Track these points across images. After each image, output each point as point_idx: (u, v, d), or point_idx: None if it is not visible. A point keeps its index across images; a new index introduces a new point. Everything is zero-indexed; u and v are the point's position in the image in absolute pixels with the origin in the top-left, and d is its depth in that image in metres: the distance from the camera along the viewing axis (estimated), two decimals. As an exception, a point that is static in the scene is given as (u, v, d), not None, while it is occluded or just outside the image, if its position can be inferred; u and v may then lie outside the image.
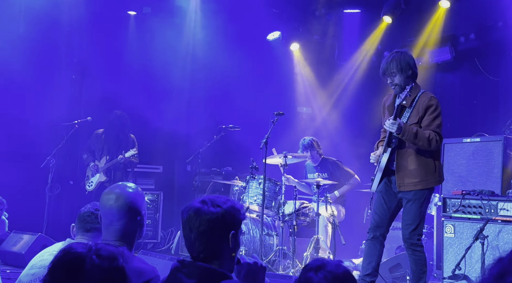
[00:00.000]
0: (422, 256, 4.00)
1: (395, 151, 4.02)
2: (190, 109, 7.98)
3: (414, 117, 3.99)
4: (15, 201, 5.29)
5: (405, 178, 3.96)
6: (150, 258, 3.89)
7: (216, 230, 1.93)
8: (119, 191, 2.25)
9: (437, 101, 4.00)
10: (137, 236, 2.29)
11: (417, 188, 3.93)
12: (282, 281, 3.14)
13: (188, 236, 1.95)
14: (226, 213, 1.95)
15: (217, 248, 1.94)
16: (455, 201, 4.48)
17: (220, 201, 1.97)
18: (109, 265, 1.46)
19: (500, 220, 4.15)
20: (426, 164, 3.95)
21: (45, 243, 5.08)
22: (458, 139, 5.23)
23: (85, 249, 1.47)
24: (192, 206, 1.96)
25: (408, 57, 4.06)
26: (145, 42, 7.73)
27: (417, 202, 3.95)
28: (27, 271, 2.34)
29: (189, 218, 1.94)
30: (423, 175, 3.92)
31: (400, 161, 4.00)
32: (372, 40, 7.62)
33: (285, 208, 5.51)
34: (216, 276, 1.89)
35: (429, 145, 3.87)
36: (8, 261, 5.30)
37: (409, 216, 4.00)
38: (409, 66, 4.00)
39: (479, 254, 4.11)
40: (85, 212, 2.56)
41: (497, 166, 4.75)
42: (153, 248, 7.16)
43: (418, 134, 3.86)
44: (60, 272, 1.45)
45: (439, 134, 3.91)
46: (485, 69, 6.59)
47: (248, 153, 6.50)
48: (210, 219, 1.92)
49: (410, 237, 3.99)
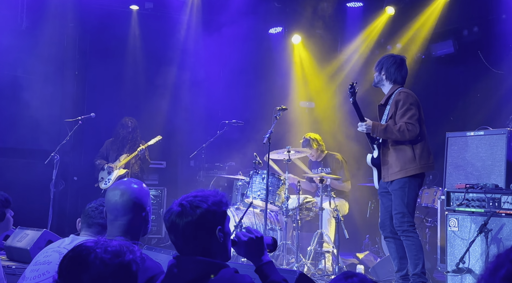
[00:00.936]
0: (415, 242, 4.14)
1: (380, 148, 4.34)
2: (193, 104, 7.98)
3: (390, 114, 4.29)
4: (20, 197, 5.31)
5: (389, 169, 4.26)
6: (155, 253, 3.90)
7: (201, 230, 1.91)
8: (124, 187, 2.26)
9: (405, 95, 4.24)
10: (142, 231, 2.30)
11: (398, 176, 4.20)
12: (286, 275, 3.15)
13: (175, 241, 1.94)
14: (207, 212, 1.91)
15: (207, 246, 1.92)
16: (458, 194, 4.48)
17: (199, 200, 1.93)
18: (113, 261, 1.47)
19: (504, 213, 4.14)
20: (405, 154, 4.21)
21: (50, 239, 5.10)
22: (461, 133, 5.21)
23: (93, 243, 1.49)
24: (172, 210, 1.94)
25: (386, 60, 4.42)
26: (147, 37, 7.72)
27: (400, 190, 4.19)
28: (32, 267, 2.35)
29: (171, 223, 1.92)
30: (401, 164, 4.19)
31: (384, 156, 4.32)
32: (374, 34, 7.60)
33: (289, 202, 5.52)
34: (212, 267, 1.88)
35: (402, 135, 4.14)
36: (13, 256, 5.33)
37: (395, 205, 4.23)
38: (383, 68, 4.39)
39: (483, 248, 4.11)
40: (90, 207, 2.58)
41: (500, 159, 4.74)
42: (157, 243, 7.19)
43: (387, 129, 4.18)
44: (67, 264, 1.49)
45: (411, 124, 4.14)
46: (488, 62, 6.57)
47: (251, 148, 6.51)
48: (191, 221, 1.89)
49: (400, 225, 4.17)
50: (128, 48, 7.67)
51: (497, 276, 1.24)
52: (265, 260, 2.09)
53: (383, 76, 4.40)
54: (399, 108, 4.20)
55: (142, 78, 7.74)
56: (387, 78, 4.38)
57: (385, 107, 4.39)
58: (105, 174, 6.71)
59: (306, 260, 5.26)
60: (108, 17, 7.44)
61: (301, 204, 5.54)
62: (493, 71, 6.51)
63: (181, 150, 7.88)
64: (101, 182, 6.70)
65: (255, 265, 2.10)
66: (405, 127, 4.11)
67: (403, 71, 4.39)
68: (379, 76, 4.43)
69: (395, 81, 4.37)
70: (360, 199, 6.88)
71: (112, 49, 7.54)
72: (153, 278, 2.03)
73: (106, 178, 6.66)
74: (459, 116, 6.80)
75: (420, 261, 4.11)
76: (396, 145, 4.24)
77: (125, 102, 7.33)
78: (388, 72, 4.36)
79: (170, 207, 1.97)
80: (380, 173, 4.39)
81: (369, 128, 4.23)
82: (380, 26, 7.51)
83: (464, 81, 6.93)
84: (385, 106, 4.41)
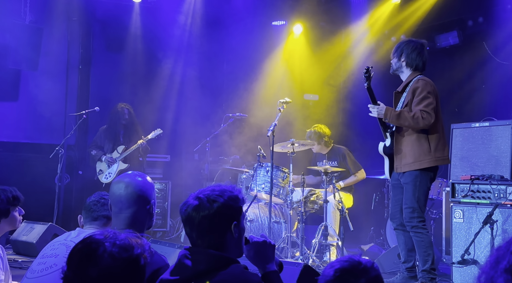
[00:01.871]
0: (425, 238, 4.05)
1: (394, 136, 4.17)
2: (196, 97, 7.97)
3: (406, 101, 4.12)
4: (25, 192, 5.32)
5: (402, 160, 4.11)
6: (160, 246, 3.92)
7: (217, 225, 1.92)
8: (129, 179, 2.27)
9: (424, 82, 4.08)
10: (146, 224, 2.31)
11: (412, 168, 4.05)
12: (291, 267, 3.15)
13: (189, 234, 1.95)
14: (224, 206, 1.92)
15: (221, 240, 1.93)
16: (463, 186, 4.47)
17: (216, 194, 1.93)
18: (121, 255, 1.47)
19: (509, 204, 4.13)
20: (420, 145, 4.05)
21: (56, 232, 5.14)
22: (466, 124, 5.20)
23: (102, 236, 1.50)
24: (188, 203, 1.94)
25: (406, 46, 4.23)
26: (151, 30, 7.70)
27: (411, 184, 4.07)
28: (39, 260, 2.36)
29: (188, 216, 1.93)
30: (416, 156, 4.03)
31: (397, 145, 4.15)
32: (379, 25, 7.56)
33: (293, 195, 5.52)
34: (224, 261, 1.89)
35: (415, 123, 3.97)
36: (20, 250, 5.37)
37: (406, 199, 4.12)
38: (403, 53, 4.21)
39: (488, 239, 4.10)
40: (91, 201, 2.59)
41: (506, 150, 4.72)
42: (162, 236, 7.21)
43: (401, 115, 4.00)
44: (76, 257, 1.50)
45: (427, 112, 3.97)
46: (493, 53, 6.52)
47: (256, 141, 6.50)
48: (208, 215, 1.90)
49: (410, 220, 4.08)
50: (132, 42, 7.66)
51: (498, 268, 1.24)
52: (272, 268, 2.08)
53: (403, 62, 4.21)
54: (416, 96, 4.03)
55: (146, 71, 7.74)
56: (407, 65, 4.20)
57: (402, 94, 4.22)
58: (104, 166, 6.59)
59: (310, 253, 5.27)
60: (111, 11, 7.43)
61: (305, 197, 5.54)
62: (498, 62, 6.46)
63: (186, 144, 7.88)
64: (100, 175, 6.58)
65: (262, 271, 2.08)
66: (420, 114, 3.94)
67: (424, 56, 4.21)
68: (398, 63, 4.23)
69: (416, 68, 4.19)
70: (364, 192, 6.87)
71: (115, 43, 7.54)
72: (158, 271, 2.04)
73: (106, 172, 6.56)
74: (464, 107, 6.77)
75: (430, 257, 4.03)
76: (411, 135, 4.07)
77: (129, 96, 7.32)
78: (409, 58, 4.17)
79: (186, 200, 1.97)
80: (392, 162, 4.23)
81: (381, 112, 4.04)
82: (385, 17, 7.46)
83: (469, 72, 6.88)
84: (401, 94, 4.23)
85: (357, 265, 1.56)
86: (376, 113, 4.09)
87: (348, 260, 1.58)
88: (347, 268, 1.55)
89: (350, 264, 1.57)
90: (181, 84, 7.90)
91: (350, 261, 1.57)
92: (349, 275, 1.54)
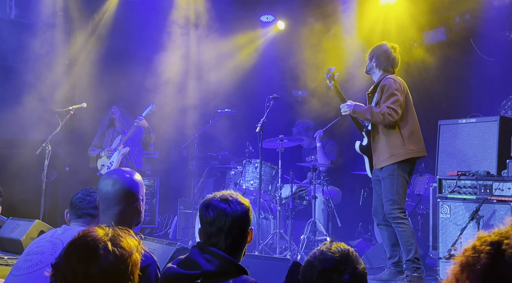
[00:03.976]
0: (407, 228, 4.16)
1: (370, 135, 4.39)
2: (185, 94, 7.93)
3: (377, 100, 4.34)
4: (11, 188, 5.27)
5: (380, 156, 4.29)
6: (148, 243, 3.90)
7: (241, 228, 2.01)
8: (116, 176, 2.25)
9: (391, 80, 4.27)
10: (134, 221, 2.29)
11: (388, 163, 4.22)
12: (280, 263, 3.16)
13: (214, 234, 1.99)
14: (248, 210, 2.05)
15: (237, 243, 2.01)
16: (450, 182, 4.51)
17: (240, 199, 2.05)
18: (122, 253, 1.46)
19: (495, 200, 4.18)
20: (393, 139, 4.22)
21: (43, 229, 5.09)
22: (453, 120, 5.24)
23: (102, 233, 1.49)
24: (216, 205, 2.00)
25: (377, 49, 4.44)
26: (138, 24, 7.62)
27: (389, 178, 4.21)
28: (24, 257, 2.34)
29: (216, 218, 1.98)
30: (391, 150, 4.21)
31: (373, 142, 4.36)
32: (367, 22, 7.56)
33: (282, 191, 5.52)
34: (235, 269, 1.93)
35: (382, 119, 4.16)
36: (5, 247, 5.31)
37: (385, 192, 4.25)
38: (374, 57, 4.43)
39: (474, 234, 4.14)
40: (76, 198, 2.57)
41: (492, 146, 4.76)
42: (150, 233, 7.19)
43: (368, 110, 4.22)
44: (74, 254, 1.47)
45: (393, 109, 4.16)
46: (480, 49, 6.57)
47: (244, 137, 6.49)
48: (237, 218, 1.99)
49: (391, 212, 4.18)
50: (119, 37, 7.58)
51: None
52: None
53: (373, 63, 4.44)
54: (384, 93, 4.24)
55: (134, 67, 7.67)
56: (377, 66, 4.43)
57: (374, 95, 4.45)
58: (105, 160, 6.62)
59: (299, 249, 5.28)
60: (98, 4, 7.36)
61: (294, 193, 5.55)
62: (484, 59, 6.51)
63: (174, 140, 7.85)
64: (102, 169, 6.61)
65: None
66: (386, 110, 4.13)
67: (393, 59, 4.42)
68: (370, 64, 4.48)
69: (385, 70, 4.41)
70: (353, 187, 6.90)
71: (102, 38, 7.46)
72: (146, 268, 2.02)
73: (108, 163, 6.56)
74: (451, 103, 6.81)
75: (413, 247, 4.13)
76: (385, 131, 4.27)
77: (116, 92, 7.26)
78: (378, 60, 4.40)
79: (211, 202, 2.02)
80: (371, 161, 4.41)
81: (350, 108, 4.29)
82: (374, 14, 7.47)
83: (455, 68, 6.93)
84: (373, 94, 4.46)
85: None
86: (348, 111, 4.32)
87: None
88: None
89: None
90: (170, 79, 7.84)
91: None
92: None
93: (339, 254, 1.54)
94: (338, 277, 1.50)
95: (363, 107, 4.28)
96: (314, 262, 1.55)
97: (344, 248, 1.57)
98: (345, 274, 1.50)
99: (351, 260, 1.54)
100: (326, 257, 1.54)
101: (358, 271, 1.52)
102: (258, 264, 3.15)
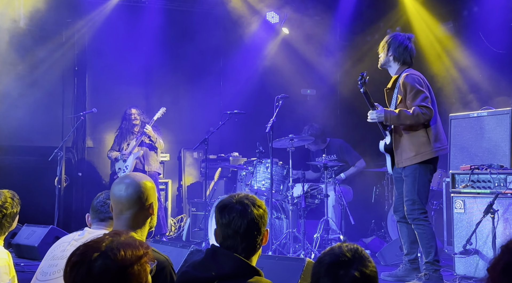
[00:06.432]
0: (427, 230, 4.04)
1: (393, 132, 4.18)
2: (195, 95, 7.95)
3: (400, 98, 4.10)
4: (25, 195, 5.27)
5: (403, 155, 4.11)
6: (162, 246, 3.92)
7: (257, 230, 2.00)
8: (129, 181, 2.26)
9: (411, 77, 4.05)
10: (148, 225, 2.30)
11: (413, 162, 4.05)
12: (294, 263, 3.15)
13: (229, 236, 1.99)
14: (265, 212, 2.04)
15: (252, 245, 2.00)
16: (463, 176, 4.47)
17: (256, 201, 2.04)
18: (119, 268, 1.41)
19: (510, 193, 4.13)
20: (419, 138, 4.05)
21: (57, 235, 5.13)
22: (464, 114, 5.20)
23: (104, 246, 1.44)
24: (232, 207, 2.00)
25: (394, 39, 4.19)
26: (145, 29, 7.66)
27: (411, 177, 4.07)
28: (50, 261, 2.34)
29: (232, 220, 1.98)
30: (416, 149, 4.04)
31: (396, 141, 4.15)
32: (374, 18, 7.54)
33: (294, 190, 5.52)
34: (249, 271, 1.93)
35: (417, 120, 3.97)
36: (22, 254, 5.36)
37: (406, 192, 4.12)
38: (390, 48, 4.18)
39: (489, 229, 4.11)
40: (98, 202, 2.59)
41: (505, 139, 4.72)
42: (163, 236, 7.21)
43: (401, 115, 3.99)
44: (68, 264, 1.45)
45: (425, 107, 3.97)
46: (489, 42, 6.51)
47: (254, 138, 6.49)
48: (253, 221, 1.98)
49: (411, 213, 4.08)
50: (126, 41, 7.62)
51: (496, 269, 1.24)
52: None
53: (390, 57, 4.18)
54: (409, 92, 4.00)
55: (142, 70, 7.71)
56: (395, 59, 4.17)
57: (393, 90, 4.21)
58: (121, 164, 6.70)
59: (313, 247, 5.27)
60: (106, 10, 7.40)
61: (306, 192, 5.54)
62: (494, 51, 6.45)
63: (184, 142, 7.87)
64: (119, 172, 6.69)
65: None
66: (419, 110, 3.92)
67: (411, 50, 4.17)
68: (386, 57, 4.21)
69: (403, 62, 4.16)
70: (365, 184, 6.87)
71: (111, 43, 7.50)
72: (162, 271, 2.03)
73: (123, 166, 6.64)
74: (462, 97, 6.76)
75: (433, 249, 4.02)
76: (409, 129, 4.07)
77: (127, 96, 7.30)
78: (396, 52, 4.14)
79: (227, 203, 2.01)
80: (393, 158, 4.22)
81: (381, 117, 4.04)
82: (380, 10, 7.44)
83: (466, 62, 6.87)
84: (392, 90, 4.22)
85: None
86: (376, 118, 4.08)
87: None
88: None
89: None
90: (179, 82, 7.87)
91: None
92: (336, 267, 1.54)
93: (348, 250, 1.54)
94: (345, 273, 1.49)
95: (394, 114, 4.02)
96: (323, 257, 1.55)
97: (353, 247, 1.57)
98: (352, 271, 1.50)
99: (359, 257, 1.53)
100: (334, 252, 1.55)
101: (366, 269, 1.52)
102: (273, 265, 3.15)
